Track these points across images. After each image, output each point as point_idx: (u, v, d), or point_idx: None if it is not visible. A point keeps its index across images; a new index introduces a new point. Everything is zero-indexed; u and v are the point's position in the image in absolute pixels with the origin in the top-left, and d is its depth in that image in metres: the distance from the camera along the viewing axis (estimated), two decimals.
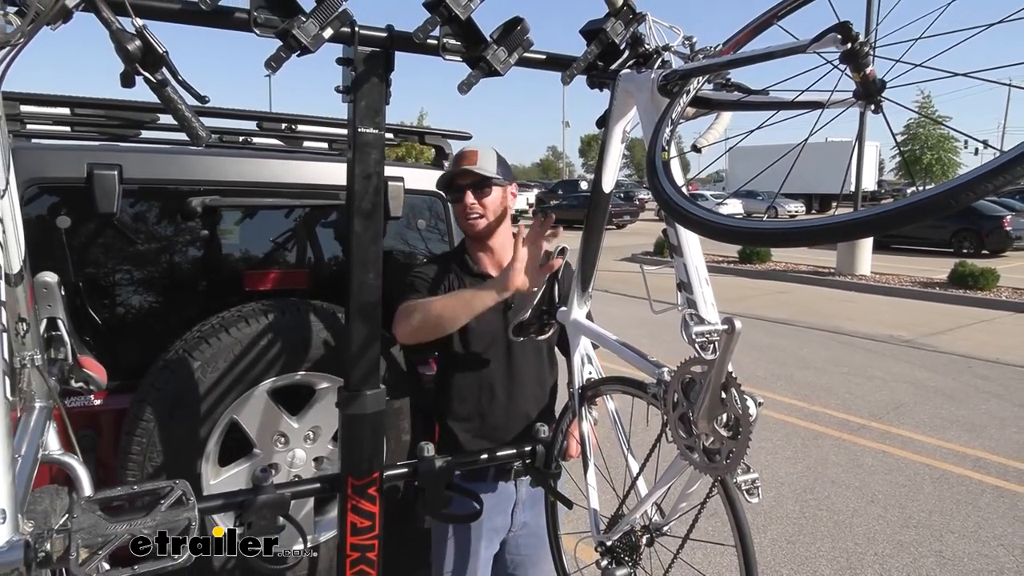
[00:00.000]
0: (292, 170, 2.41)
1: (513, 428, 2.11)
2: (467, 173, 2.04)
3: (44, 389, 1.34)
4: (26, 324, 1.24)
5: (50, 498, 1.11)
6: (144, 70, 1.21)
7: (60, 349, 1.47)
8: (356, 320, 1.61)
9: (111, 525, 0.99)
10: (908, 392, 6.90)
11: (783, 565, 3.76)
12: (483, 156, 2.07)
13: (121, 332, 2.18)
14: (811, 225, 0.93)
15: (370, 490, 1.66)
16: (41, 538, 0.90)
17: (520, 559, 2.19)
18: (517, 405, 2.13)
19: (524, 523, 2.17)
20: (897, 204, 0.87)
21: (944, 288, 12.92)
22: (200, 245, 2.32)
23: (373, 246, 1.60)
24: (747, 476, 1.39)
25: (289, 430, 2.15)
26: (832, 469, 5.05)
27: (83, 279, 2.10)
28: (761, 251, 16.43)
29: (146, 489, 1.15)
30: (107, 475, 2.01)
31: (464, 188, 2.06)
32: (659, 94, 1.51)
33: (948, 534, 4.13)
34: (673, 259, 1.49)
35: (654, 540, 1.65)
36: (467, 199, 2.06)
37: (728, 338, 1.22)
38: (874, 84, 1.13)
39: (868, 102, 1.16)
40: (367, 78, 1.52)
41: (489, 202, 2.08)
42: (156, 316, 2.26)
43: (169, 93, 1.24)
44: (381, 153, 1.58)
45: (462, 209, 2.08)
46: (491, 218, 2.09)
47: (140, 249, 2.21)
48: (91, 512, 1.01)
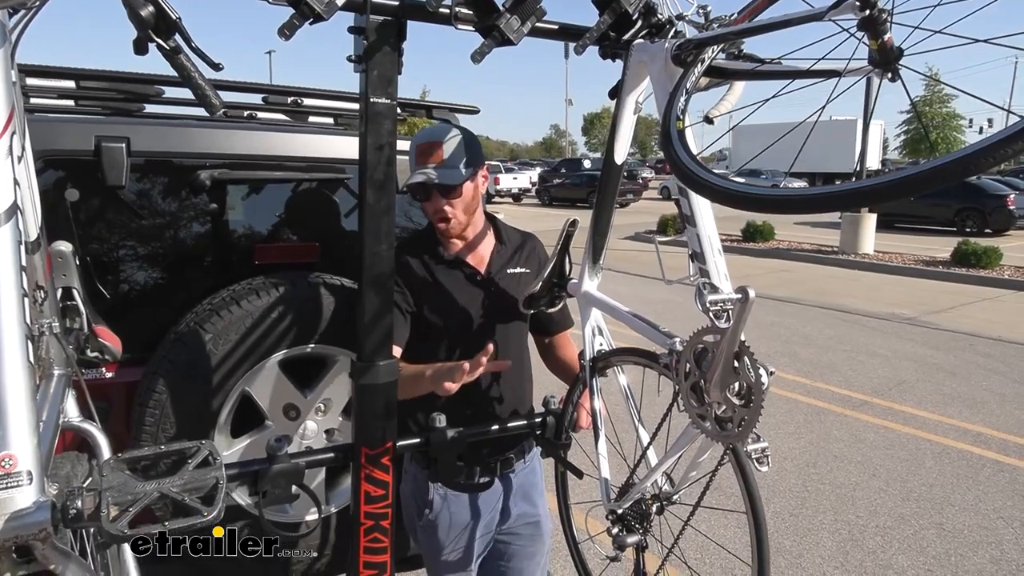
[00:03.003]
0: (301, 143, 2.40)
1: (495, 413, 2.01)
2: (430, 182, 1.83)
3: (63, 357, 1.36)
4: (44, 292, 1.25)
5: (71, 463, 1.13)
6: (157, 36, 1.20)
7: (75, 319, 1.48)
8: (369, 291, 1.62)
9: (140, 484, 1.01)
10: (910, 369, 6.92)
11: (786, 537, 3.80)
12: (448, 149, 1.84)
13: (131, 305, 2.19)
14: (835, 191, 0.93)
15: (383, 459, 1.68)
16: (72, 495, 0.92)
17: (516, 550, 2.10)
18: (499, 390, 2.02)
19: (518, 515, 2.08)
20: (919, 168, 0.87)
21: (947, 266, 12.91)
22: (209, 218, 2.32)
23: (386, 217, 1.59)
24: (757, 445, 1.41)
25: (300, 402, 2.16)
26: (834, 444, 5.09)
27: (91, 252, 2.10)
28: (764, 229, 16.39)
29: (173, 449, 1.16)
30: (118, 448, 2.03)
31: (431, 190, 1.86)
32: (673, 64, 1.50)
33: (948, 507, 4.17)
34: (686, 229, 1.49)
35: (664, 508, 1.67)
36: (437, 203, 1.87)
37: (742, 306, 1.22)
38: (892, 51, 1.13)
39: (885, 70, 1.16)
40: (379, 47, 1.51)
41: (459, 203, 1.88)
42: (167, 289, 2.26)
43: (182, 61, 1.24)
44: (393, 124, 1.58)
45: (431, 211, 1.90)
46: (463, 218, 1.91)
47: (149, 222, 2.21)
48: (120, 471, 1.02)
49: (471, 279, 1.98)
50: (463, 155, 1.86)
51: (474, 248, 2.01)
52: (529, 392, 2.13)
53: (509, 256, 2.06)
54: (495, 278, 2.00)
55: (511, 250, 2.07)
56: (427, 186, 1.85)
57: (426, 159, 1.85)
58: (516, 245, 2.09)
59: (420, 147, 1.87)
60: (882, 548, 3.72)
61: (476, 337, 1.93)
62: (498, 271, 2.02)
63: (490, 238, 2.06)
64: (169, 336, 2.00)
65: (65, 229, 2.04)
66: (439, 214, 1.88)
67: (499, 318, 2.00)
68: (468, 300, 1.96)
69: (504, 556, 2.10)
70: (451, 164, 1.84)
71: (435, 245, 1.97)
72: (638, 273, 11.48)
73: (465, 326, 1.95)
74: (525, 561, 2.11)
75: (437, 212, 1.88)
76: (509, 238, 2.09)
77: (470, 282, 1.98)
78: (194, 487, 1.04)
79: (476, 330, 1.96)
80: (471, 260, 2.00)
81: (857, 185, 0.92)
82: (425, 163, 1.85)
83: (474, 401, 1.95)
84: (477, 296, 1.97)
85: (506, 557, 2.10)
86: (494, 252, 2.04)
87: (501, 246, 2.06)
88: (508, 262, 2.05)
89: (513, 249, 2.08)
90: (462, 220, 1.91)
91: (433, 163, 1.84)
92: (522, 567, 2.11)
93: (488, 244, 2.04)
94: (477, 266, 2.00)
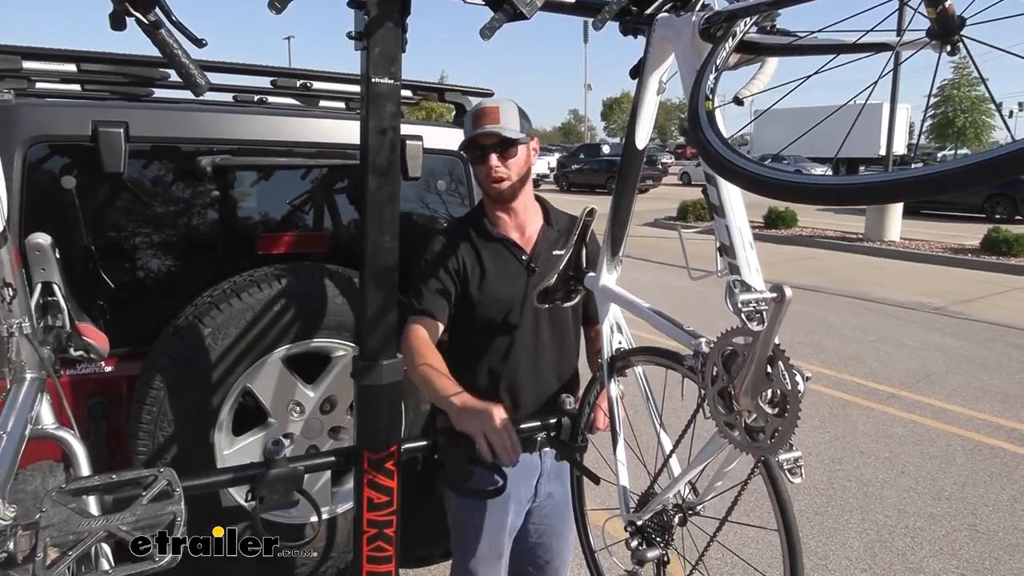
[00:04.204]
0: (308, 128, 2.30)
1: (535, 402, 2.01)
2: (491, 134, 1.89)
3: (35, 359, 1.26)
4: (12, 289, 1.15)
5: (42, 476, 1.03)
6: (135, 10, 1.10)
7: (57, 315, 1.39)
8: (372, 286, 1.51)
9: (84, 521, 0.89)
10: (939, 361, 6.72)
11: (811, 537, 3.68)
12: (505, 113, 1.91)
13: (132, 296, 2.11)
14: (893, 179, 0.81)
15: (387, 464, 1.58)
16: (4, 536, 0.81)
17: (544, 528, 2.14)
18: (541, 378, 2.03)
19: (549, 494, 2.11)
20: (972, 160, 0.74)
21: (976, 254, 12.59)
22: (211, 206, 2.23)
23: (389, 206, 1.49)
24: (790, 455, 1.28)
25: (305, 399, 2.08)
26: (861, 439, 4.93)
27: (88, 241, 2.02)
28: (787, 216, 16.11)
29: (127, 478, 1.05)
30: (121, 443, 1.96)
31: (487, 149, 1.91)
32: (700, 39, 1.37)
33: (982, 507, 4.01)
34: (714, 220, 1.36)
35: (687, 520, 1.56)
36: (491, 161, 1.91)
37: (777, 307, 1.10)
38: (953, 20, 0.99)
39: (945, 42, 1.03)
40: (381, 22, 1.40)
41: (513, 163, 1.93)
42: (166, 280, 2.18)
43: (163, 36, 1.14)
44: (397, 106, 1.46)
45: (486, 172, 1.93)
46: (515, 179, 1.94)
47: (148, 210, 2.13)
48: (63, 505, 0.91)
49: (517, 257, 2.00)
50: (519, 120, 1.93)
51: (521, 227, 2.03)
52: (575, 384, 2.13)
53: (556, 238, 2.05)
54: (541, 259, 2.00)
55: (558, 232, 2.06)
56: (483, 145, 1.90)
57: (484, 121, 1.91)
58: (564, 228, 2.07)
59: (477, 112, 1.94)
60: (912, 550, 3.58)
61: (517, 316, 1.98)
62: (544, 252, 2.01)
63: (538, 218, 2.07)
64: (167, 330, 1.92)
65: (62, 216, 1.97)
66: (495, 171, 1.91)
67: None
68: (512, 278, 1.98)
69: (535, 534, 2.15)
70: (508, 125, 1.90)
71: (482, 223, 2.01)
72: (659, 261, 11.31)
73: (507, 304, 1.97)
74: (555, 539, 2.16)
75: (493, 170, 1.91)
76: (557, 220, 2.09)
77: (515, 260, 1.99)
78: (148, 524, 0.92)
79: (518, 308, 1.98)
80: (518, 239, 2.02)
81: (920, 172, 0.79)
82: (483, 124, 1.90)
83: (513, 390, 2.00)
84: (521, 275, 1.98)
85: (536, 535, 2.15)
86: (541, 233, 2.04)
87: (548, 227, 2.06)
88: (555, 244, 2.03)
89: (560, 232, 2.06)
90: (515, 182, 1.95)
91: (491, 124, 1.90)
92: (551, 544, 2.17)
93: (535, 224, 2.05)
94: (524, 246, 2.02)
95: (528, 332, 2.00)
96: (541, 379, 2.03)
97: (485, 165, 1.92)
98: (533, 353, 2.01)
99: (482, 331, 1.99)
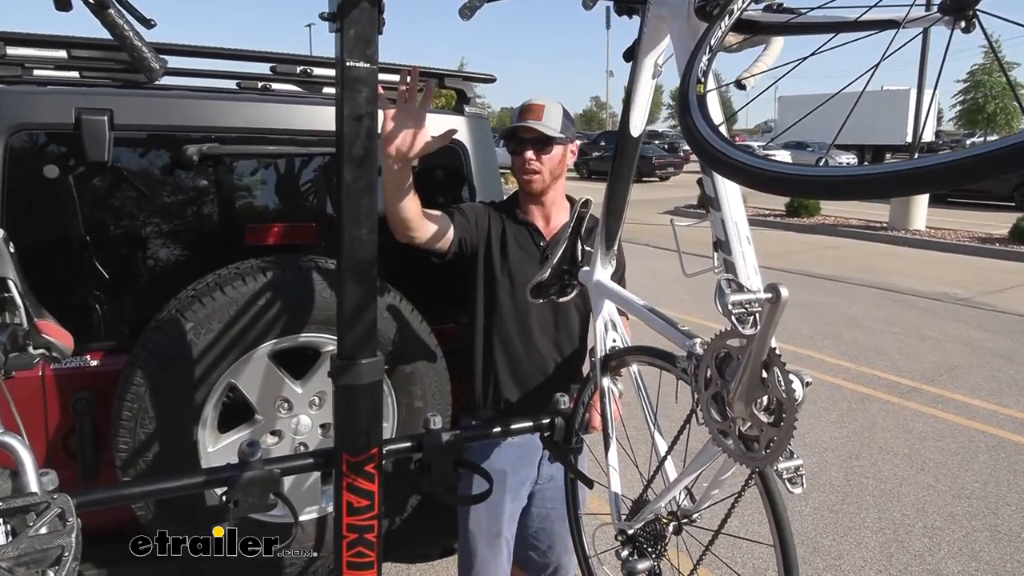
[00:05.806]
0: (298, 116, 2.22)
1: (545, 389, 2.02)
2: (530, 128, 1.99)
3: None
4: None
5: None
6: None
7: (13, 313, 1.33)
8: (349, 281, 1.44)
9: None
10: (963, 353, 6.54)
11: (825, 535, 3.57)
12: (548, 111, 2.02)
13: (118, 288, 2.06)
14: (897, 169, 0.71)
15: (368, 467, 1.51)
16: None
17: (547, 511, 2.20)
18: (550, 364, 2.10)
19: (551, 476, 2.16)
20: (970, 152, 0.65)
21: (1004, 244, 12.29)
22: (199, 197, 2.17)
23: (366, 198, 1.41)
24: (789, 463, 1.19)
25: (293, 395, 2.01)
26: (880, 434, 4.80)
27: (72, 232, 1.97)
28: (810, 204, 15.82)
29: (15, 505, 0.97)
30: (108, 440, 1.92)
31: (525, 142, 2.01)
32: (696, 17, 1.27)
33: (1004, 507, 3.88)
34: (709, 213, 1.27)
35: (681, 528, 1.48)
36: (526, 154, 2.02)
37: (772, 309, 1.01)
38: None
39: (958, 17, 0.93)
40: (356, 2, 1.32)
41: (548, 160, 2.03)
42: (152, 272, 2.13)
43: (112, 17, 1.06)
44: (374, 91, 1.39)
45: (520, 163, 2.04)
46: (547, 177, 2.05)
47: (134, 201, 2.07)
48: None
49: (536, 242, 2.09)
50: (561, 121, 2.04)
51: (547, 217, 2.13)
52: (581, 373, 2.14)
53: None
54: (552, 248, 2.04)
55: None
56: (522, 138, 2.02)
57: (527, 116, 2.02)
58: (588, 227, 2.03)
59: (524, 107, 2.06)
60: (930, 551, 3.47)
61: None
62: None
63: (564, 214, 2.11)
64: (149, 324, 1.87)
65: (45, 207, 1.92)
66: (529, 165, 2.02)
67: None
68: (530, 259, 2.06)
69: (537, 519, 2.21)
70: (549, 124, 2.01)
71: (514, 207, 2.13)
72: (676, 250, 11.15)
73: (523, 284, 1.99)
74: (558, 523, 2.18)
75: (527, 163, 2.02)
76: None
77: (534, 244, 2.09)
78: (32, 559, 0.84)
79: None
80: (542, 227, 2.11)
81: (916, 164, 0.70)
82: (525, 119, 2.01)
83: (521, 376, 2.08)
84: (537, 259, 2.06)
85: (539, 519, 2.21)
86: (563, 227, 2.04)
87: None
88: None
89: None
90: (546, 178, 2.05)
91: (532, 119, 2.00)
92: (553, 529, 2.21)
93: (560, 219, 2.12)
94: (546, 234, 2.11)
95: (543, 316, 2.08)
96: (550, 365, 2.11)
97: (521, 157, 2.03)
98: (550, 339, 2.11)
99: (494, 297, 2.06)
